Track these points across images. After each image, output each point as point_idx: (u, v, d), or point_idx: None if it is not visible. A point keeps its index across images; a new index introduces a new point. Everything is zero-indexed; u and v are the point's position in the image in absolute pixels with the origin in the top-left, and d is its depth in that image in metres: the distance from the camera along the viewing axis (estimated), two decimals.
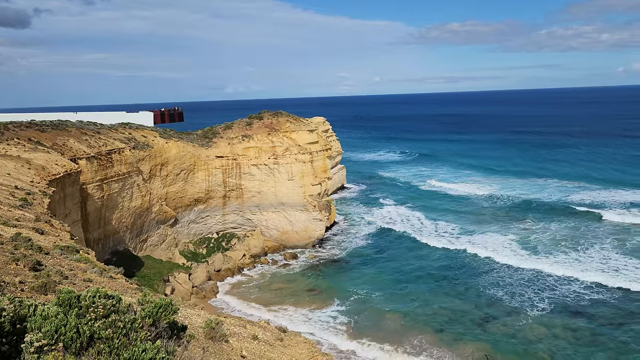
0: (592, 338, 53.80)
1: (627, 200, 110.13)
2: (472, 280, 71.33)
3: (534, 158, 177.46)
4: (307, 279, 74.67)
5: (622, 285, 66.43)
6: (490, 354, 51.27)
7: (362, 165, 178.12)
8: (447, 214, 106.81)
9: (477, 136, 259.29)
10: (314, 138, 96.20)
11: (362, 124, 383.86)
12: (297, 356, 17.89)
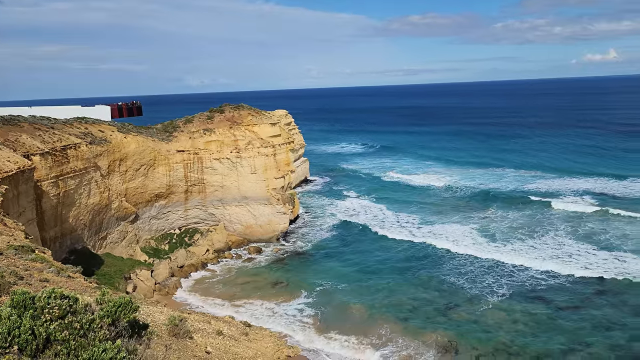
0: (549, 322, 55.71)
1: (580, 188, 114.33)
2: (434, 269, 72.67)
3: (491, 148, 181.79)
4: (272, 273, 74.49)
5: (575, 270, 69.01)
6: (454, 340, 52.44)
7: (325, 157, 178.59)
8: (409, 205, 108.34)
9: (436, 128, 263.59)
10: (277, 131, 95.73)
11: (325, 117, 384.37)
12: (263, 350, 17.82)
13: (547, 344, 50.84)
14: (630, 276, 65.84)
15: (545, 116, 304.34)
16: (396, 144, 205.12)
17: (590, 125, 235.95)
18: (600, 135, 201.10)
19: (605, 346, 49.78)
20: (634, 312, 56.69)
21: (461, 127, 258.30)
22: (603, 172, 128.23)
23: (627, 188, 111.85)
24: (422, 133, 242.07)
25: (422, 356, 49.62)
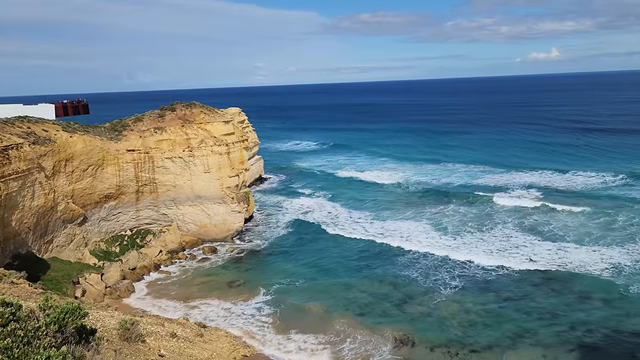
0: (499, 311, 57.60)
1: (526, 181, 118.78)
2: (389, 265, 73.73)
3: (443, 145, 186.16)
4: (228, 272, 73.67)
5: (522, 261, 71.67)
6: (409, 333, 53.42)
7: (280, 155, 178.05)
8: (364, 201, 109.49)
9: (390, 125, 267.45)
10: (230, 129, 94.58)
11: (279, 114, 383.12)
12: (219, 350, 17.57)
13: (498, 333, 52.55)
14: (572, 266, 68.93)
15: (492, 113, 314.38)
16: (350, 141, 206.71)
17: (534, 122, 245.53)
18: (542, 131, 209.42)
19: (551, 333, 51.91)
20: (577, 300, 59.36)
21: (414, 124, 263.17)
22: (546, 166, 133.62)
23: (569, 181, 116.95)
24: (376, 130, 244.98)
25: (380, 351, 50.25)
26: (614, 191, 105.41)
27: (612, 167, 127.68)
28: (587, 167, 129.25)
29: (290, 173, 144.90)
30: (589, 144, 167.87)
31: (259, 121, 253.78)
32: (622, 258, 70.18)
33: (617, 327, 52.48)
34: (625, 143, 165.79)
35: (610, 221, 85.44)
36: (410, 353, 49.72)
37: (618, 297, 58.85)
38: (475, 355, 48.68)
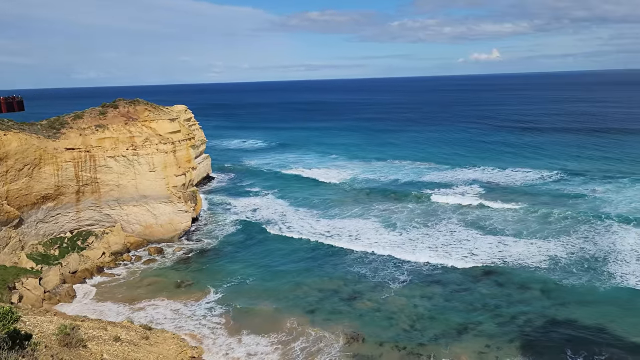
0: (444, 304, 59.25)
1: (469, 178, 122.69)
2: (337, 261, 74.30)
3: (390, 142, 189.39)
4: (176, 273, 72.06)
5: (466, 254, 74.05)
6: (357, 329, 54.06)
7: (228, 153, 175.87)
8: (312, 199, 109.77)
9: (339, 123, 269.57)
10: (176, 127, 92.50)
11: (227, 112, 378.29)
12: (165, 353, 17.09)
13: (444, 325, 54.03)
14: (512, 259, 71.79)
15: (437, 111, 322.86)
16: (298, 139, 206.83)
17: (475, 120, 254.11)
18: (483, 129, 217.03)
19: (494, 324, 53.89)
20: (517, 291, 61.83)
21: (362, 122, 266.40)
22: (488, 163, 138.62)
23: (509, 177, 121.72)
24: (324, 128, 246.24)
25: (331, 348, 50.55)
26: (549, 186, 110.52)
27: (547, 164, 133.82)
28: (525, 164, 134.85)
29: (238, 171, 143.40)
30: (526, 142, 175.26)
31: (207, 119, 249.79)
32: (557, 250, 73.69)
33: (554, 316, 55.09)
34: (559, 141, 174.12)
35: (547, 215, 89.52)
36: (360, 349, 50.31)
37: (555, 288, 61.74)
38: (422, 348, 49.84)
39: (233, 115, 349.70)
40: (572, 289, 61.22)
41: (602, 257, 70.27)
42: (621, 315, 54.07)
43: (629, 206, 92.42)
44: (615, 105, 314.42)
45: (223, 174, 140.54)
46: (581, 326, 52.55)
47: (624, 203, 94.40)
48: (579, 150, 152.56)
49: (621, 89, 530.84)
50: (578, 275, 64.77)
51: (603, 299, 58.20)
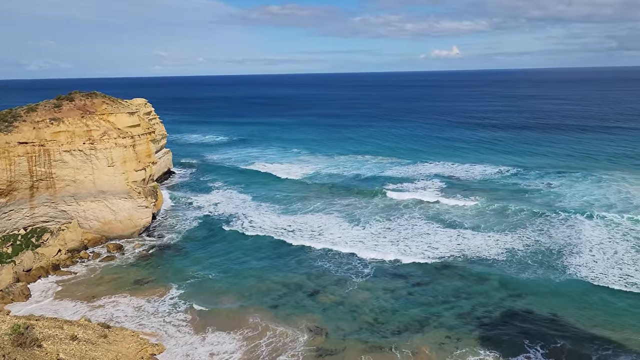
0: (407, 297, 60.18)
1: (431, 172, 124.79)
2: (300, 256, 74.36)
3: (353, 136, 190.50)
4: (137, 270, 70.62)
5: (427, 247, 75.35)
6: (321, 323, 54.30)
7: (189, 148, 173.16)
8: (275, 194, 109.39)
9: (301, 117, 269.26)
10: (135, 121, 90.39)
11: (186, 106, 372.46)
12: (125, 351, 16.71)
13: (406, 318, 54.89)
14: (470, 251, 73.50)
15: (398, 107, 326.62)
16: (260, 134, 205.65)
17: (435, 116, 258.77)
18: (444, 124, 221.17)
19: (454, 315, 55.09)
20: (476, 283, 63.37)
21: (324, 118, 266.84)
22: (448, 158, 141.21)
23: (468, 172, 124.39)
24: (287, 122, 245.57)
25: (295, 343, 50.58)
26: (507, 181, 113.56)
27: (505, 159, 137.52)
28: (484, 159, 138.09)
29: (200, 166, 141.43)
30: (484, 138, 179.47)
31: (166, 113, 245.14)
32: (514, 243, 75.86)
33: (511, 307, 56.75)
34: (516, 137, 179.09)
35: (504, 209, 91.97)
36: (324, 343, 50.54)
37: (511, 280, 63.55)
38: (384, 341, 50.48)
39: (192, 109, 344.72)
40: (528, 280, 63.15)
41: (556, 249, 72.72)
42: (574, 306, 56.17)
43: (581, 199, 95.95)
44: (569, 102, 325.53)
45: (184, 168, 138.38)
46: (537, 317, 54.31)
47: (577, 197, 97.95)
48: (535, 146, 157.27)
49: (575, 86, 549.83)
50: (534, 268, 66.87)
51: (557, 290, 60.26)
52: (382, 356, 47.74)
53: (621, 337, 49.25)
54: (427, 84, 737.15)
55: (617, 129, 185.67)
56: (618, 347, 47.61)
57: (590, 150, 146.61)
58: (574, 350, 47.67)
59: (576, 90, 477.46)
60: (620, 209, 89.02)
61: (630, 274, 63.12)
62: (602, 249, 71.87)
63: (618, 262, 66.84)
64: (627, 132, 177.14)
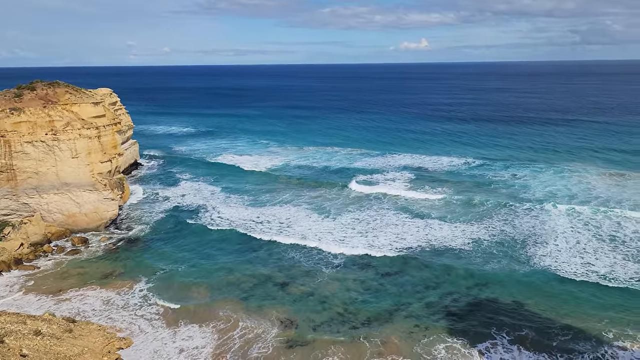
0: (377, 287, 60.78)
1: (400, 164, 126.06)
2: (270, 247, 74.19)
3: (322, 128, 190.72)
4: (104, 263, 69.25)
5: (396, 238, 76.19)
6: (292, 314, 54.42)
7: (156, 139, 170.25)
8: (244, 186, 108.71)
9: (269, 109, 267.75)
10: (100, 111, 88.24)
11: (153, 96, 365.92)
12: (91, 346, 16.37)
13: (376, 307, 55.48)
14: (437, 242, 74.70)
15: (368, 99, 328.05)
16: (229, 125, 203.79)
17: (404, 108, 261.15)
18: (412, 117, 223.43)
19: (423, 304, 55.98)
20: (443, 272, 64.44)
21: (294, 109, 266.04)
22: (416, 150, 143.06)
23: (436, 163, 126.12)
24: (256, 114, 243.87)
25: (266, 335, 50.55)
26: (473, 172, 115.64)
27: (471, 151, 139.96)
28: (451, 151, 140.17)
29: (167, 158, 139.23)
30: (452, 130, 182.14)
31: (132, 103, 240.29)
32: (480, 233, 77.41)
33: (478, 296, 58.01)
34: (482, 129, 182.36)
35: (470, 199, 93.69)
36: (295, 334, 50.68)
37: (478, 269, 64.88)
38: (354, 331, 50.95)
39: (159, 100, 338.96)
40: (493, 270, 64.57)
41: (521, 239, 74.53)
42: (538, 294, 57.73)
43: (544, 190, 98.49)
44: (533, 95, 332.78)
45: (152, 160, 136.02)
46: (503, 305, 55.66)
47: (541, 188, 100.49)
48: (500, 138, 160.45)
49: (540, 80, 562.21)
50: (499, 257, 68.41)
51: (522, 279, 61.79)
52: (352, 346, 48.18)
53: (581, 324, 51.01)
54: (396, 76, 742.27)
55: (578, 122, 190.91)
56: (578, 333, 49.29)
57: (552, 142, 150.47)
58: (537, 336, 49.11)
59: (541, 83, 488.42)
60: (581, 199, 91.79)
61: (591, 263, 65.25)
62: (565, 238, 74.03)
63: (580, 252, 68.98)
64: (588, 125, 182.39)
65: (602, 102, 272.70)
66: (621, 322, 50.89)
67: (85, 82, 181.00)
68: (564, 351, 46.62)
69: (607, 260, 65.98)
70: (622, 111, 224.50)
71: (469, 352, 46.98)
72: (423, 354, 46.76)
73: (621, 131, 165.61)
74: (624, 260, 65.79)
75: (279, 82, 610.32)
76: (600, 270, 62.68)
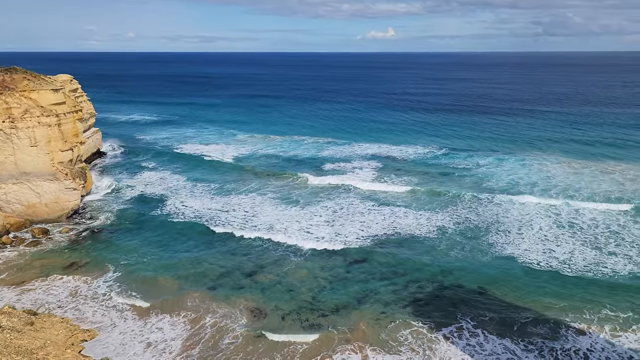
0: (344, 275, 61.23)
1: (368, 153, 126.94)
2: (237, 236, 73.73)
3: (289, 117, 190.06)
4: (67, 254, 67.49)
5: (362, 226, 76.85)
6: (260, 303, 54.42)
7: (119, 128, 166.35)
8: (210, 175, 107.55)
9: (236, 99, 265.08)
10: (60, 98, 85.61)
11: (116, 84, 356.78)
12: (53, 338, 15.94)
13: (344, 296, 55.96)
14: (402, 229, 75.75)
15: (335, 88, 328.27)
16: (196, 113, 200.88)
17: (370, 97, 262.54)
18: (378, 106, 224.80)
19: (389, 291, 56.75)
20: (408, 260, 65.40)
21: (262, 97, 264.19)
22: (382, 139, 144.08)
23: (402, 152, 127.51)
24: (223, 102, 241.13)
25: (236, 325, 50.35)
26: (438, 161, 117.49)
27: (436, 141, 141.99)
28: (417, 141, 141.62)
29: (131, 146, 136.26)
30: (417, 119, 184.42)
31: (94, 90, 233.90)
32: (445, 221, 78.81)
33: (443, 282, 59.18)
34: (447, 118, 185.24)
35: (435, 188, 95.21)
36: (263, 324, 50.67)
37: (442, 256, 66.16)
38: (323, 319, 51.30)
39: (122, 87, 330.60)
40: (458, 257, 65.95)
41: (485, 227, 76.25)
42: (501, 280, 59.27)
43: (507, 179, 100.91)
44: (496, 86, 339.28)
45: (115, 149, 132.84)
46: (467, 291, 56.97)
47: (503, 176, 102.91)
48: (464, 129, 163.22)
49: (503, 70, 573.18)
50: (463, 245, 69.86)
51: (486, 265, 63.33)
52: (321, 334, 48.52)
53: (542, 307, 52.76)
54: (363, 65, 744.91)
55: (538, 112, 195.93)
56: (539, 316, 50.98)
57: (514, 132, 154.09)
58: (500, 320, 50.55)
59: (504, 74, 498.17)
60: (542, 187, 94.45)
61: (552, 249, 67.33)
62: (527, 226, 76.07)
63: (542, 239, 71.01)
64: (548, 115, 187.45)
65: (562, 92, 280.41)
66: (578, 306, 52.84)
67: (44, 68, 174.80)
68: (525, 335, 48.13)
69: (567, 247, 68.19)
70: (581, 102, 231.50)
71: (435, 337, 48.01)
72: (390, 340, 47.51)
73: (579, 121, 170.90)
74: (582, 247, 68.18)
75: (245, 70, 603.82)
76: (560, 257, 64.75)
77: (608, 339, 47.42)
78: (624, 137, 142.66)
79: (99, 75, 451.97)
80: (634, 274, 59.93)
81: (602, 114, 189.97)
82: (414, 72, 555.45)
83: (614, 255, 65.26)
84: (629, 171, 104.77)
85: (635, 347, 46.19)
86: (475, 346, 46.91)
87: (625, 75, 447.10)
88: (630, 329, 48.86)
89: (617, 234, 72.29)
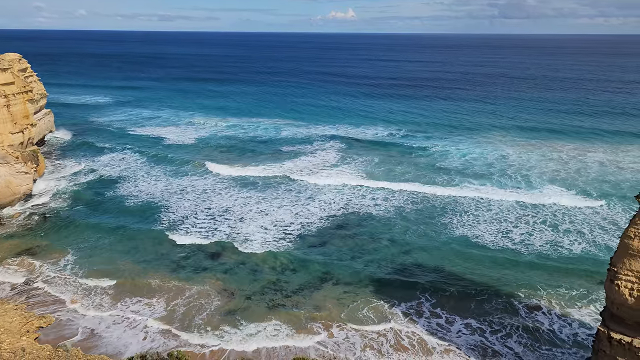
0: (304, 257, 61.86)
1: (328, 133, 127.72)
2: (197, 216, 73.25)
3: (249, 98, 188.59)
4: (21, 239, 65.61)
5: (324, 206, 77.73)
6: (225, 284, 54.69)
7: (72, 109, 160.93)
8: (167, 156, 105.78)
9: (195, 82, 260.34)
10: (9, 78, 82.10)
11: (67, 62, 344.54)
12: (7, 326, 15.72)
13: (306, 276, 56.86)
14: (361, 209, 77.04)
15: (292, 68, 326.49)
16: (153, 95, 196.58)
17: (330, 78, 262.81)
18: (336, 88, 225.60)
19: (350, 272, 57.84)
20: (367, 240, 66.73)
21: (221, 80, 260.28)
22: (342, 121, 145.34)
23: (364, 133, 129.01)
24: (182, 83, 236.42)
25: (204, 306, 50.38)
26: (397, 141, 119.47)
27: (394, 122, 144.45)
28: (375, 123, 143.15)
29: (85, 129, 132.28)
30: (375, 102, 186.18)
31: (44, 70, 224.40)
32: (402, 201, 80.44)
33: (402, 262, 60.78)
34: (404, 100, 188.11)
35: (394, 168, 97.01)
36: (229, 304, 50.88)
37: (400, 236, 67.69)
38: (287, 299, 52.02)
39: (73, 66, 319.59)
40: (416, 237, 67.65)
41: (441, 206, 78.37)
42: (458, 259, 61.28)
43: (463, 159, 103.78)
44: (452, 68, 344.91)
45: (68, 131, 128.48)
46: (426, 269, 58.77)
47: (459, 156, 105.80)
48: (421, 110, 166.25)
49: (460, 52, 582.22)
50: (420, 224, 71.65)
51: (443, 245, 65.17)
52: (286, 314, 49.27)
53: (498, 283, 55.08)
54: (323, 46, 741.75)
55: (492, 95, 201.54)
56: (494, 292, 53.27)
57: (470, 113, 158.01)
58: (458, 296, 52.58)
59: (461, 56, 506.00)
60: (498, 168, 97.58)
61: (509, 229, 69.69)
62: (483, 205, 78.56)
63: (498, 219, 73.28)
64: (501, 98, 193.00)
65: (515, 75, 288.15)
66: (531, 282, 55.31)
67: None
68: (482, 310, 50.20)
69: (524, 227, 70.41)
70: (531, 85, 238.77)
71: (396, 313, 49.52)
72: (352, 317, 48.71)
73: (529, 105, 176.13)
74: (540, 225, 70.85)
75: (202, 50, 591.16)
76: (516, 238, 66.96)
77: (561, 313, 50.11)
78: (566, 120, 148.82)
79: (50, 54, 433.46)
80: (586, 251, 63.03)
81: (550, 97, 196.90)
82: (374, 53, 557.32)
83: (568, 234, 68.13)
84: (573, 151, 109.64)
85: (585, 320, 49.10)
86: (432, 320, 48.73)
87: (574, 57, 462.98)
88: (580, 302, 51.78)
89: (571, 214, 75.61)
